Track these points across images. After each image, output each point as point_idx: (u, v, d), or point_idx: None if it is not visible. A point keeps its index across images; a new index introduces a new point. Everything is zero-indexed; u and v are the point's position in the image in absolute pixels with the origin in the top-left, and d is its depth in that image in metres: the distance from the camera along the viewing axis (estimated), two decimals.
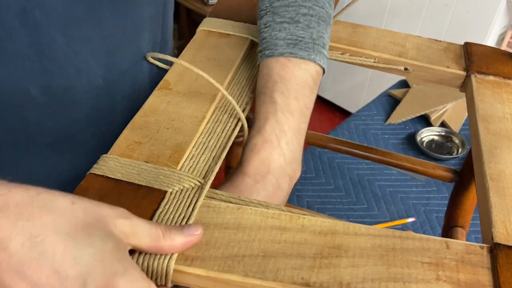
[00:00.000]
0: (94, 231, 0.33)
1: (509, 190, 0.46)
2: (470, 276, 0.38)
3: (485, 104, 0.56)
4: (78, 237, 0.32)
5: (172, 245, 0.36)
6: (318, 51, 0.53)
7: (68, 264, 0.31)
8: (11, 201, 0.32)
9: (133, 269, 0.33)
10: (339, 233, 0.41)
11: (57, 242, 0.31)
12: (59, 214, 0.32)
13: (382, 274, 0.38)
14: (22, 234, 0.31)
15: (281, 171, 0.49)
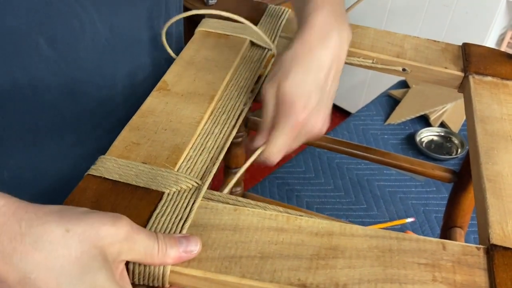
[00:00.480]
0: (87, 262, 0.32)
1: (506, 191, 0.46)
2: (467, 277, 0.38)
3: (482, 105, 0.56)
4: (71, 272, 0.32)
5: (164, 261, 0.36)
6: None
7: None
8: (5, 236, 0.31)
9: None
10: (336, 234, 0.41)
11: (49, 280, 0.31)
12: (51, 249, 0.32)
13: (378, 275, 0.38)
14: (17, 271, 0.31)
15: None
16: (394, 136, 1.27)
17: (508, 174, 0.48)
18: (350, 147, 0.83)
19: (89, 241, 0.33)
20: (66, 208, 0.34)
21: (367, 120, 1.31)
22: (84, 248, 0.32)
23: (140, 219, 0.40)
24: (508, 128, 0.53)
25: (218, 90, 0.55)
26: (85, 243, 0.32)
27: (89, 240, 0.33)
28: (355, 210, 1.09)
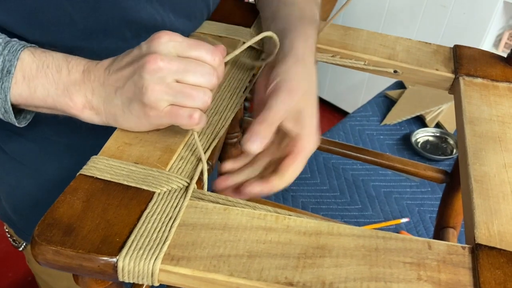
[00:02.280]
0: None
1: (493, 191, 0.47)
2: (451, 276, 0.39)
3: (472, 106, 0.57)
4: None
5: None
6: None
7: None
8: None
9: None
10: (323, 233, 0.41)
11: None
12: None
13: (364, 274, 0.38)
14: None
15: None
16: (390, 136, 1.27)
17: (496, 175, 0.48)
18: (344, 148, 0.84)
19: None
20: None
21: (363, 121, 1.32)
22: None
23: (130, 218, 0.40)
24: (496, 130, 0.54)
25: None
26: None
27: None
28: (350, 210, 1.09)
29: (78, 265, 0.37)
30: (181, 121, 0.46)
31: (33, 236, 0.38)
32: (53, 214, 0.40)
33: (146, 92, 0.44)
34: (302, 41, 0.54)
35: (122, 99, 0.46)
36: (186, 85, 0.45)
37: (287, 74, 0.51)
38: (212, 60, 0.46)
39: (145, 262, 0.37)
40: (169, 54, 0.44)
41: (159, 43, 0.44)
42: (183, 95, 0.45)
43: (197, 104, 0.45)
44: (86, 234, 0.38)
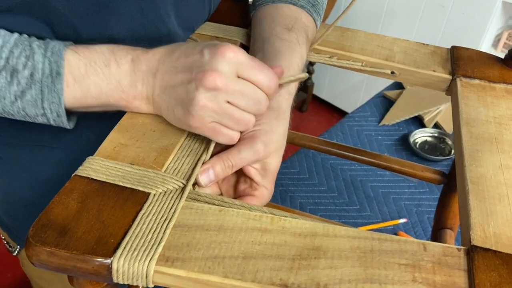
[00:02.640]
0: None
1: (489, 193, 0.47)
2: (446, 278, 0.39)
3: (469, 107, 0.57)
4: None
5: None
6: (320, 20, 0.65)
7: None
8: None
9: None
10: (318, 234, 0.41)
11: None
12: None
13: (359, 275, 0.38)
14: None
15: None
16: (388, 137, 1.27)
17: (492, 177, 0.48)
18: (342, 149, 0.84)
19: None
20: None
21: (362, 121, 1.32)
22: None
23: (125, 219, 0.40)
24: (493, 131, 0.54)
25: None
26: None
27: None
28: (348, 211, 1.09)
29: (73, 266, 0.37)
30: (221, 139, 0.47)
31: (28, 237, 0.38)
32: (48, 215, 0.40)
33: (196, 104, 0.44)
34: (286, 94, 0.54)
35: (170, 98, 0.47)
36: (236, 108, 0.45)
37: (268, 126, 0.50)
38: (268, 88, 0.46)
39: (140, 264, 0.37)
40: (229, 74, 0.44)
41: (223, 59, 0.44)
42: (230, 117, 0.45)
43: (240, 128, 0.47)
44: (81, 235, 0.38)
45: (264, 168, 0.51)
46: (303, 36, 0.59)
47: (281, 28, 0.59)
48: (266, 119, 0.51)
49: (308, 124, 2.52)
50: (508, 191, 0.47)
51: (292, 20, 0.60)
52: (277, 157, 0.52)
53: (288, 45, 0.57)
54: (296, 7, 0.62)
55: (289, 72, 0.55)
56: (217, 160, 0.48)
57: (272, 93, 0.47)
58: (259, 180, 0.51)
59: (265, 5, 0.63)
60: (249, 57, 0.45)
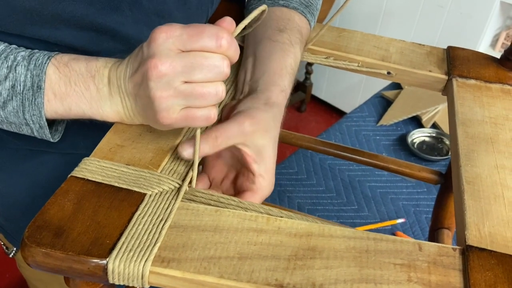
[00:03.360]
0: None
1: (484, 193, 0.47)
2: (441, 278, 0.39)
3: (465, 108, 0.57)
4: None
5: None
6: (314, 21, 0.65)
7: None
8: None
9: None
10: (314, 235, 0.41)
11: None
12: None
13: (354, 276, 0.38)
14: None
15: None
16: (386, 137, 1.28)
17: (487, 177, 0.49)
18: (340, 149, 0.84)
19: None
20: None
21: (360, 121, 1.32)
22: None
23: (121, 220, 0.40)
24: (489, 131, 0.54)
25: None
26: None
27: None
28: (346, 211, 1.09)
29: (68, 267, 0.38)
30: (198, 123, 0.44)
31: (23, 238, 0.38)
32: (44, 216, 0.40)
33: (154, 100, 0.42)
34: (277, 91, 0.53)
35: (140, 105, 0.46)
36: (196, 84, 0.42)
37: (254, 108, 0.50)
38: (218, 47, 0.41)
39: (135, 264, 0.37)
40: (170, 54, 0.41)
41: (156, 44, 0.41)
42: (194, 96, 0.42)
43: (212, 102, 0.43)
44: (76, 236, 0.38)
45: (258, 152, 0.49)
46: (296, 36, 0.59)
47: (272, 30, 0.58)
48: (251, 102, 0.50)
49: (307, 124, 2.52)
50: (504, 191, 0.47)
51: (284, 21, 0.60)
52: (270, 139, 0.49)
53: (280, 46, 0.57)
54: (289, 9, 0.61)
55: (281, 70, 0.55)
56: (202, 135, 0.47)
57: (227, 50, 0.41)
58: (255, 169, 0.49)
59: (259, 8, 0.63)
60: (184, 27, 0.41)
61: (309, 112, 2.59)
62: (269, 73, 0.55)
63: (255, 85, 0.54)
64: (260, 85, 0.54)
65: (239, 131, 0.47)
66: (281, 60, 0.55)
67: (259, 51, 0.57)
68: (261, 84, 0.54)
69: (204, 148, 0.47)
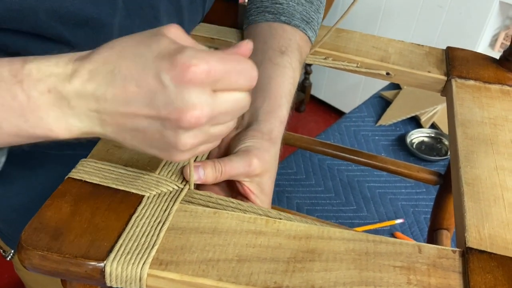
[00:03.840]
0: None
1: (484, 194, 0.47)
2: (441, 280, 0.39)
3: (464, 108, 0.57)
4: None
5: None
6: (315, 36, 0.65)
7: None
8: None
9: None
10: (313, 237, 0.41)
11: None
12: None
13: (354, 278, 0.38)
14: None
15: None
16: (385, 137, 1.27)
17: (487, 178, 0.48)
18: (338, 150, 0.84)
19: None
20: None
21: (359, 122, 1.32)
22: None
23: (119, 222, 0.40)
24: (488, 132, 0.54)
25: None
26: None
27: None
28: (345, 211, 1.09)
29: (65, 270, 0.37)
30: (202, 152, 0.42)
31: (20, 241, 0.38)
32: (40, 218, 0.39)
33: (183, 147, 0.36)
34: (278, 122, 0.53)
35: (136, 141, 0.38)
36: (221, 125, 0.38)
37: (260, 145, 0.50)
38: (250, 87, 0.37)
39: (133, 267, 0.37)
40: (208, 101, 0.35)
41: (195, 87, 0.34)
42: (217, 137, 0.39)
43: (225, 135, 0.40)
44: (74, 238, 0.38)
45: (260, 188, 0.50)
46: (296, 58, 0.58)
47: (273, 51, 0.58)
48: (258, 139, 0.50)
49: (306, 124, 2.52)
50: (503, 192, 0.47)
51: (286, 41, 0.59)
52: (270, 179, 0.51)
53: (281, 70, 0.56)
54: (291, 27, 0.60)
55: (281, 99, 0.55)
56: (209, 162, 0.47)
57: (251, 87, 0.38)
58: (254, 200, 0.50)
59: (259, 22, 0.62)
60: (221, 61, 0.35)
61: (308, 112, 2.59)
62: (269, 102, 0.54)
63: (256, 114, 0.54)
64: (260, 115, 0.54)
65: (246, 171, 0.48)
66: (281, 87, 0.55)
67: (260, 73, 0.56)
68: (262, 114, 0.54)
69: (208, 176, 0.46)
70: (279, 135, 0.53)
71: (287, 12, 0.61)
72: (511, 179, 0.48)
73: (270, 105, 0.54)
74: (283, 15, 0.61)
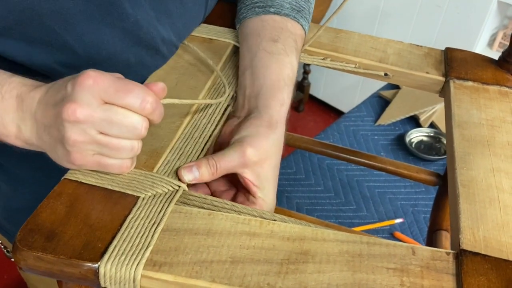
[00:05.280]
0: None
1: (480, 196, 0.47)
2: (434, 282, 0.39)
3: (461, 110, 0.57)
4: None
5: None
6: (308, 25, 0.64)
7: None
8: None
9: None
10: (307, 238, 0.41)
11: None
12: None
13: (347, 280, 0.38)
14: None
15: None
16: (384, 136, 1.27)
17: (483, 180, 0.48)
18: (337, 150, 0.84)
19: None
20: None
21: (358, 121, 1.32)
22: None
23: (113, 223, 0.40)
24: (485, 133, 0.54)
25: (199, 95, 0.56)
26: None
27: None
28: (345, 211, 1.09)
29: (60, 270, 0.37)
30: (111, 170, 0.44)
31: (15, 242, 0.38)
32: (36, 219, 0.39)
33: (68, 141, 0.41)
34: (278, 106, 0.53)
35: (49, 138, 0.43)
36: (111, 137, 0.42)
37: (256, 132, 0.49)
38: (141, 109, 0.41)
39: (127, 268, 0.37)
40: (91, 103, 0.40)
41: (81, 88, 0.40)
42: (108, 148, 0.42)
43: (127, 156, 0.43)
44: (68, 239, 0.38)
45: (258, 178, 0.49)
46: (291, 45, 0.59)
47: (267, 41, 0.58)
48: (255, 126, 0.50)
49: (305, 124, 2.51)
50: (499, 194, 0.47)
51: (278, 30, 0.59)
52: (271, 165, 0.50)
53: (276, 57, 0.56)
54: (281, 17, 0.61)
55: (279, 83, 0.55)
56: (202, 160, 0.47)
57: (150, 113, 0.42)
58: (256, 192, 0.50)
59: (249, 18, 0.62)
60: (114, 80, 0.41)
61: (307, 112, 2.59)
62: (268, 87, 0.54)
63: (255, 101, 0.54)
64: (260, 100, 0.54)
65: (241, 162, 0.48)
66: (278, 72, 0.55)
67: (255, 64, 0.56)
68: (261, 99, 0.54)
69: (204, 174, 0.47)
70: (280, 119, 0.52)
71: (276, 4, 0.61)
72: (507, 181, 0.48)
73: (268, 91, 0.54)
74: (272, 7, 0.61)
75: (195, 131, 0.53)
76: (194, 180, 0.46)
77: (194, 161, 0.48)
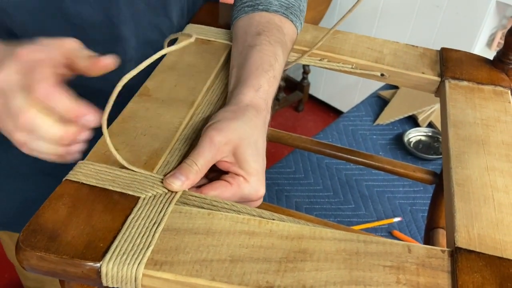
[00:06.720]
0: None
1: (474, 195, 0.47)
2: (430, 280, 0.40)
3: (456, 109, 0.58)
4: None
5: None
6: (300, 22, 0.65)
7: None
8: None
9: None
10: (305, 237, 0.42)
11: None
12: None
13: (344, 278, 0.39)
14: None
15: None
16: (382, 136, 1.28)
17: (477, 179, 0.49)
18: (336, 150, 0.85)
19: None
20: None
21: (356, 121, 1.33)
22: None
23: (115, 223, 0.41)
24: (480, 133, 0.55)
25: (198, 96, 0.57)
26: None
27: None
28: (344, 210, 1.10)
29: (62, 270, 0.38)
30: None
31: (18, 242, 0.39)
32: (38, 220, 0.40)
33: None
34: (251, 91, 0.53)
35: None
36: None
37: (222, 119, 0.49)
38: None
39: (129, 267, 0.38)
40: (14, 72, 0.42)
41: (12, 62, 0.43)
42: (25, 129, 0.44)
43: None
44: (71, 239, 0.39)
45: (238, 157, 0.48)
46: (276, 36, 0.59)
47: (251, 36, 0.59)
48: (220, 113, 0.50)
49: (304, 123, 2.52)
50: (493, 192, 0.48)
51: (264, 25, 0.60)
52: (249, 144, 0.48)
53: (257, 48, 0.56)
54: (268, 13, 0.61)
55: (257, 71, 0.54)
56: (182, 164, 0.47)
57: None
58: (236, 170, 0.48)
59: (239, 18, 0.63)
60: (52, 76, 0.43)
61: (307, 112, 2.60)
62: (244, 77, 0.55)
63: (230, 94, 0.55)
64: (235, 90, 0.54)
65: (212, 148, 0.47)
66: (257, 61, 0.55)
67: (240, 60, 0.57)
68: (235, 90, 0.54)
69: (189, 176, 0.46)
70: (252, 102, 0.52)
71: (264, 2, 0.62)
72: (501, 180, 0.49)
73: (244, 80, 0.54)
74: (260, 5, 0.62)
75: (194, 132, 0.53)
76: (184, 185, 0.46)
77: (174, 169, 0.47)
